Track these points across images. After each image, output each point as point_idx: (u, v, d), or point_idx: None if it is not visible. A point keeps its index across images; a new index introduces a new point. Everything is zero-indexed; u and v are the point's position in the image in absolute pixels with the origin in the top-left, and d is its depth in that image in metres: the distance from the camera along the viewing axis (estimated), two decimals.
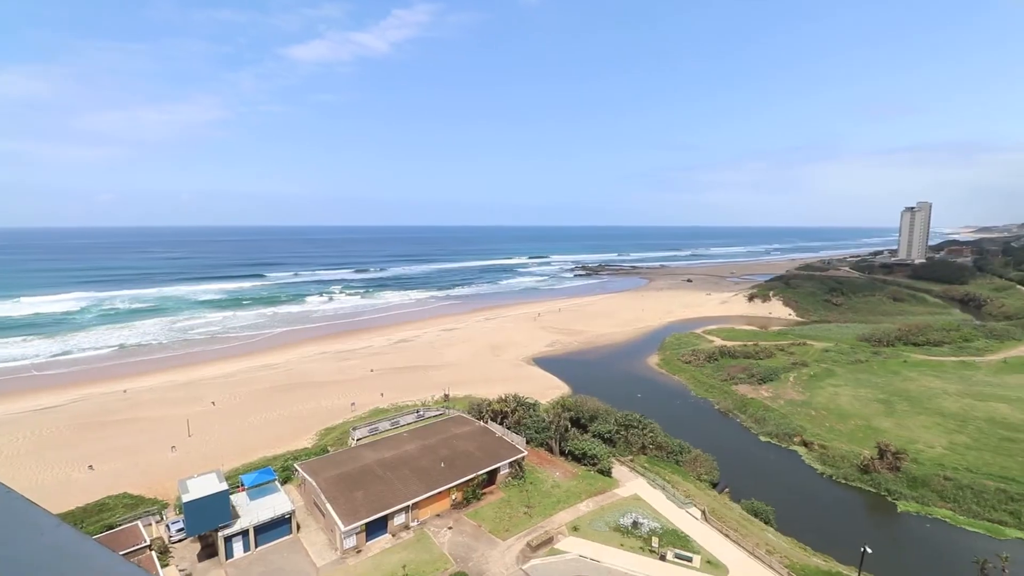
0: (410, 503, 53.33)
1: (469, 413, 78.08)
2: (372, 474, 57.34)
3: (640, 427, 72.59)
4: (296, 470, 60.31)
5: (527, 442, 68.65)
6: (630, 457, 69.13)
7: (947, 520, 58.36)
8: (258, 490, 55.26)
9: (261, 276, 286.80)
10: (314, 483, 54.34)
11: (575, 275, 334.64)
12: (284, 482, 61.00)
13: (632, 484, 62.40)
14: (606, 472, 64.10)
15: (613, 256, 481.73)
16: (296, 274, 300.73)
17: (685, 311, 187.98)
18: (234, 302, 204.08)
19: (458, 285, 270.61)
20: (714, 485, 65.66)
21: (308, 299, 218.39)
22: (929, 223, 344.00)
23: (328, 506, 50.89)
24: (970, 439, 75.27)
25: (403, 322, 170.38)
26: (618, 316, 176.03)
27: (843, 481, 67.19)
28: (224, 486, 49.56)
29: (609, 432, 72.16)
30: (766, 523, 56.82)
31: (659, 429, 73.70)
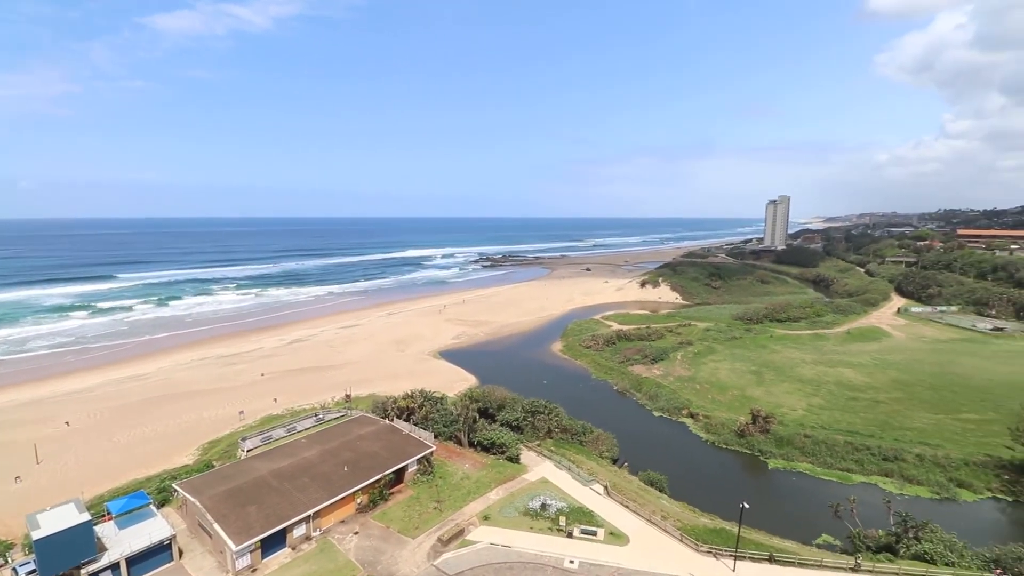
0: (310, 512, 50.01)
1: (373, 412, 75.15)
2: (266, 486, 52.94)
3: (546, 412, 74.58)
4: (175, 490, 53.94)
5: (436, 437, 67.61)
6: (537, 442, 70.86)
7: (808, 472, 66.97)
8: (129, 517, 48.69)
9: (121, 275, 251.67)
10: (197, 502, 48.93)
11: (481, 266, 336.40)
12: (161, 505, 54.40)
13: (540, 468, 64.01)
14: (515, 459, 65.07)
15: (517, 247, 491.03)
16: (170, 272, 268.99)
17: (585, 299, 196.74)
18: (89, 306, 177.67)
19: (359, 279, 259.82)
20: (615, 461, 69.43)
21: (184, 299, 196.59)
22: (788, 214, 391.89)
23: (216, 526, 46.11)
24: (823, 401, 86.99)
25: (298, 320, 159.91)
26: (523, 305, 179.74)
27: (724, 446, 74.40)
28: (85, 516, 42.98)
29: (517, 420, 73.30)
30: (661, 491, 61.20)
31: (564, 413, 76.30)
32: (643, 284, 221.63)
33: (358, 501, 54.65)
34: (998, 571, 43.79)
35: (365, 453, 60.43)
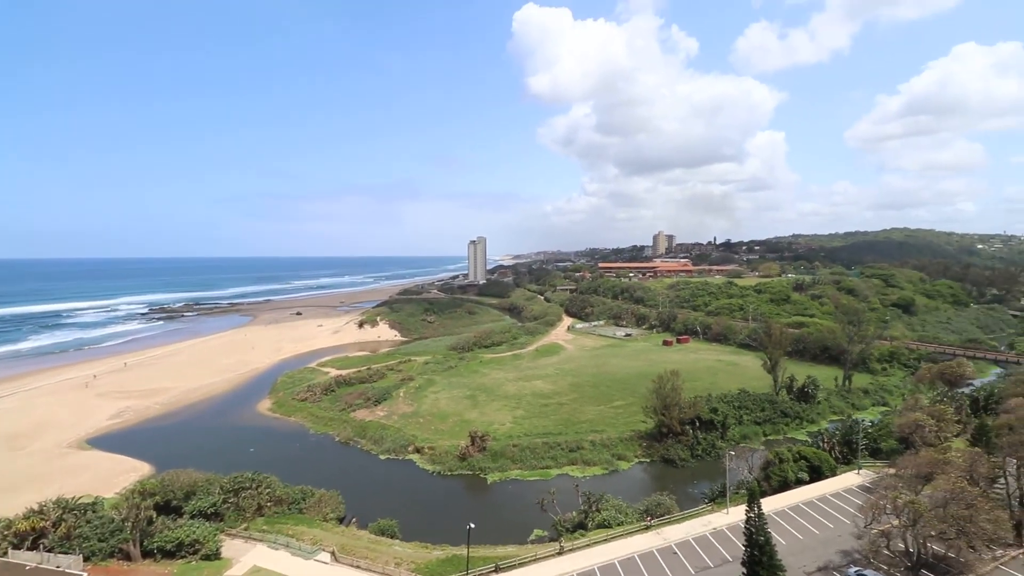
0: None
1: None
2: None
3: (254, 487, 63.12)
4: None
5: (87, 559, 49.16)
6: (244, 525, 59.04)
7: (519, 478, 75.05)
8: None
9: None
10: None
11: (154, 320, 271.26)
12: None
13: (250, 556, 53.18)
14: (213, 555, 52.32)
15: (208, 293, 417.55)
16: None
17: (297, 346, 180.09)
18: None
19: None
20: (341, 520, 63.52)
21: None
22: (486, 252, 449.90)
23: None
24: (524, 411, 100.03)
25: None
26: (215, 363, 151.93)
27: (449, 473, 77.12)
28: None
29: (214, 505, 59.63)
30: (393, 538, 58.62)
31: (277, 482, 66.13)
32: (361, 324, 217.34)
33: None
34: (648, 518, 57.07)
35: None
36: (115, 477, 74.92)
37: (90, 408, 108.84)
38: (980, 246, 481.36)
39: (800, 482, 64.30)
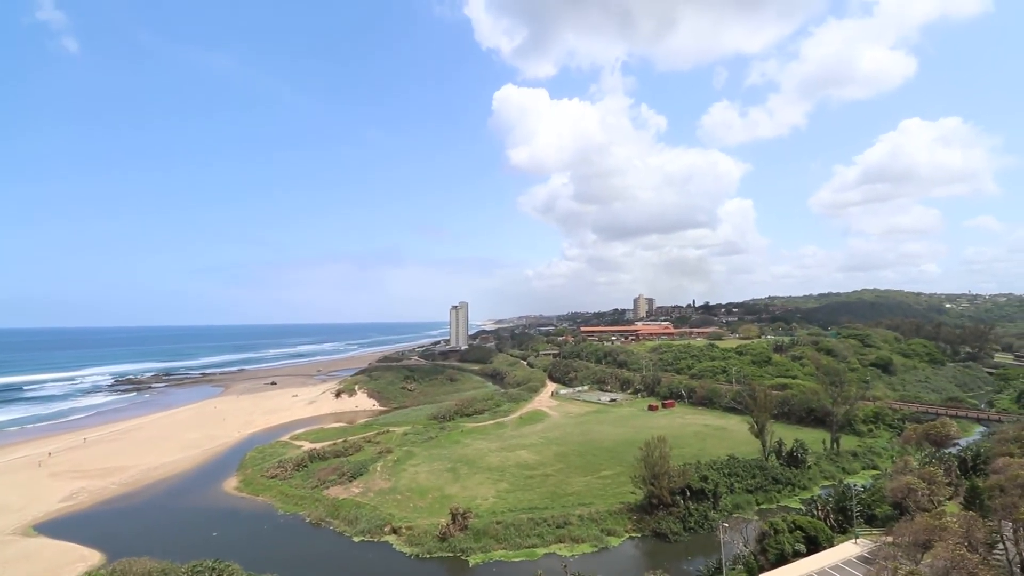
0: None
1: None
2: None
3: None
4: None
5: None
6: None
7: (503, 559, 70.10)
8: None
9: None
10: None
11: (117, 392, 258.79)
12: None
13: None
14: None
15: (178, 363, 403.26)
16: None
17: (269, 418, 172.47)
18: None
19: None
20: None
21: None
22: (468, 317, 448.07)
23: None
24: (509, 484, 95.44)
25: None
26: (180, 438, 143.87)
27: (428, 555, 71.72)
28: None
29: None
30: None
31: (239, 570, 60.64)
32: (338, 394, 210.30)
33: None
34: None
35: None
36: (61, 568, 68.03)
37: (41, 490, 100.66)
38: (948, 305, 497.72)
39: (798, 554, 61.37)
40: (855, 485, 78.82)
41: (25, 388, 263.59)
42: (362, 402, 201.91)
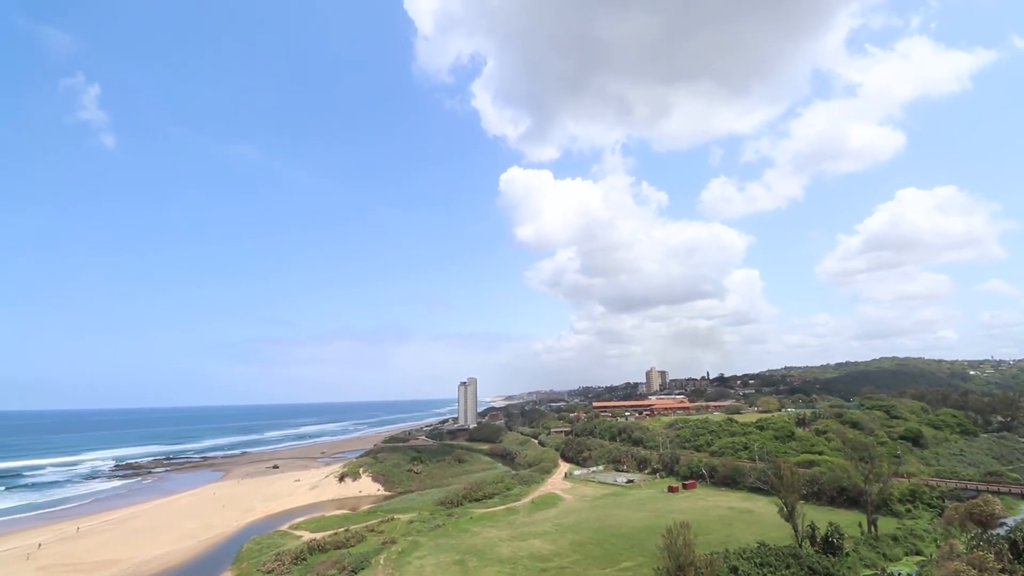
0: None
1: None
2: None
3: None
4: None
5: None
6: None
7: None
8: None
9: None
10: None
11: (117, 476, 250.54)
12: None
13: None
14: None
15: (181, 446, 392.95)
16: None
17: (269, 505, 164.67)
18: None
19: None
20: None
21: None
22: (477, 394, 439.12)
23: None
24: None
25: None
26: (177, 527, 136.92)
27: None
28: None
29: None
30: None
31: None
32: (342, 478, 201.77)
33: None
34: None
35: None
36: None
37: None
38: (972, 372, 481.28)
39: None
40: (899, 573, 71.87)
41: (25, 473, 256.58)
42: (366, 486, 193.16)
